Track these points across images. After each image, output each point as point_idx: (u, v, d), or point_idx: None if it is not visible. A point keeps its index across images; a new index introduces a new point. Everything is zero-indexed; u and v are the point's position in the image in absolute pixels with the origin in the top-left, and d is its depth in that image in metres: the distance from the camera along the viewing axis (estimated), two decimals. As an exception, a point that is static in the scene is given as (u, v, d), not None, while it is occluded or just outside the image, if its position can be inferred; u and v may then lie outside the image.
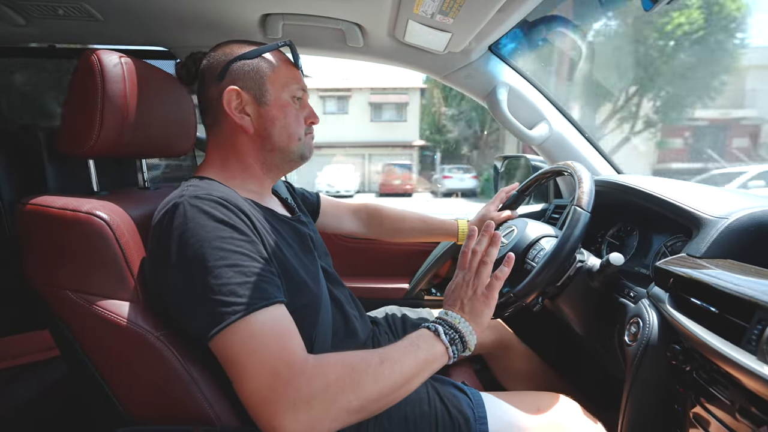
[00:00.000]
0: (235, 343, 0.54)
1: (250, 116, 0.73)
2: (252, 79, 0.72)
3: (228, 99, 0.70)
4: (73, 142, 0.69)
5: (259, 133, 0.74)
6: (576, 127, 1.29)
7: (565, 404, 0.78)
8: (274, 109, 0.73)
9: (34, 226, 0.65)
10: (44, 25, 1.07)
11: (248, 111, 0.72)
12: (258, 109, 0.73)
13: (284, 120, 0.74)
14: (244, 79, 0.72)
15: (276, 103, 0.73)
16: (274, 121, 0.73)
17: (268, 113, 0.73)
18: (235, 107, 0.71)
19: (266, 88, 0.73)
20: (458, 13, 0.89)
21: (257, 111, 0.73)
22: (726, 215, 0.68)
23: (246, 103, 0.72)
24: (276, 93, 0.73)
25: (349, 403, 0.53)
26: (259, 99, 0.72)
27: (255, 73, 0.72)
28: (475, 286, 0.69)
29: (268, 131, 0.74)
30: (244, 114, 0.72)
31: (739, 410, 0.50)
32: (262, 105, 0.73)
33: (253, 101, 0.72)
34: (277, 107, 0.73)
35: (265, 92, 0.73)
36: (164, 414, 0.64)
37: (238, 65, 0.72)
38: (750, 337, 0.48)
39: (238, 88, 0.71)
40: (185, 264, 0.57)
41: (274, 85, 0.73)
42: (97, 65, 0.67)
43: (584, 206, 0.78)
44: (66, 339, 0.64)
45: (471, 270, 0.70)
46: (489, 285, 0.69)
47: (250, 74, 0.72)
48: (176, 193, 0.64)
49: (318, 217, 1.09)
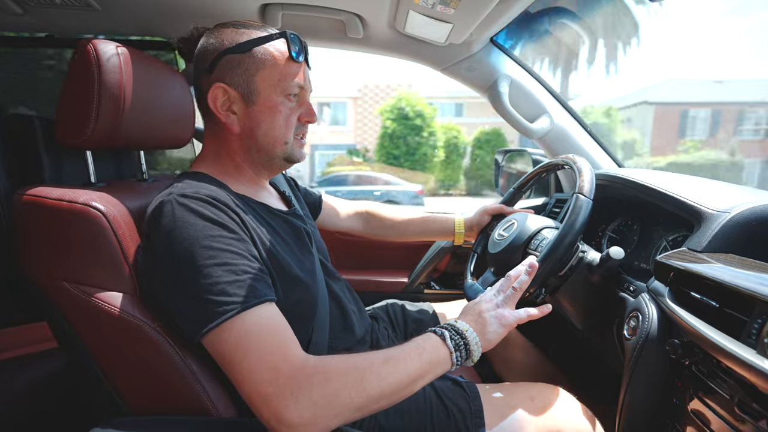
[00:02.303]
0: (228, 341, 0.54)
1: (236, 115, 0.69)
2: (240, 75, 0.67)
3: (214, 96, 0.68)
4: (70, 132, 0.69)
5: (245, 133, 0.71)
6: (578, 121, 1.28)
7: (563, 397, 0.78)
8: (261, 109, 0.69)
9: (30, 217, 0.65)
10: (41, 15, 1.06)
11: (235, 109, 0.69)
12: (245, 108, 0.69)
13: (271, 122, 0.70)
14: (231, 75, 0.67)
15: (265, 104, 0.69)
16: (260, 123, 0.70)
17: (255, 114, 0.69)
18: (221, 105, 0.68)
19: (255, 86, 0.68)
20: (459, 3, 0.88)
21: (244, 110, 0.69)
22: (728, 209, 0.68)
23: (233, 101, 0.69)
24: (266, 92, 0.69)
25: (351, 400, 0.53)
26: (246, 98, 0.68)
27: (244, 70, 0.67)
28: (498, 305, 0.69)
29: (254, 132, 0.70)
30: (230, 112, 0.69)
31: (738, 404, 0.50)
32: (250, 104, 0.69)
33: (240, 99, 0.69)
34: (266, 108, 0.69)
35: (254, 91, 0.68)
36: (162, 405, 0.64)
37: (228, 59, 0.67)
38: (750, 331, 0.47)
39: (224, 86, 0.67)
40: (174, 263, 0.57)
41: (264, 84, 0.68)
42: (94, 55, 0.66)
43: (586, 193, 0.77)
44: (64, 330, 0.65)
45: (503, 292, 0.71)
46: (509, 297, 0.70)
47: (238, 70, 0.67)
48: (165, 191, 0.63)
49: (319, 215, 1.08)
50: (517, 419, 0.72)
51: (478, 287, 0.92)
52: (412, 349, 0.60)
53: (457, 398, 0.76)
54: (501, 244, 0.92)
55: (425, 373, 0.60)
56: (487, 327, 0.67)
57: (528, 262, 0.72)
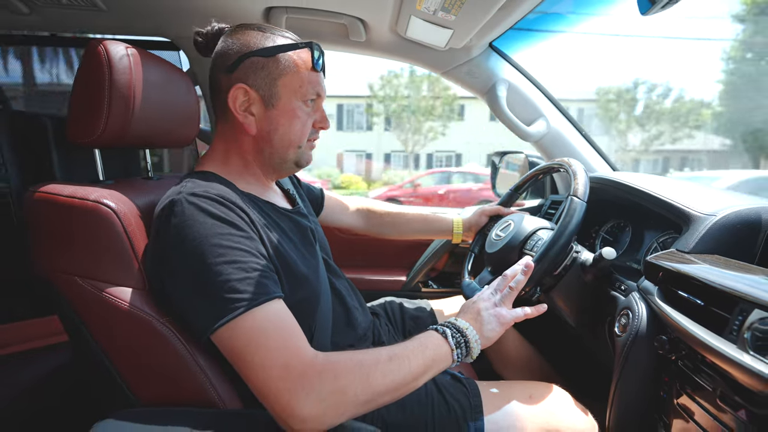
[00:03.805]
0: (239, 337, 0.55)
1: (254, 116, 0.70)
2: (263, 79, 0.68)
3: (234, 96, 0.69)
4: (81, 131, 0.70)
5: (261, 135, 0.72)
6: (573, 125, 1.31)
7: (557, 393, 0.80)
8: (280, 113, 0.70)
9: (42, 213, 0.66)
10: (48, 14, 1.07)
11: (253, 111, 0.70)
12: (264, 111, 0.70)
13: (288, 127, 0.71)
14: (254, 78, 0.68)
15: (284, 108, 0.70)
16: (278, 127, 0.71)
17: (274, 117, 0.70)
18: (240, 105, 0.69)
19: (277, 90, 0.69)
20: (460, 9, 0.90)
21: (263, 113, 0.70)
22: (714, 212, 0.71)
23: (253, 102, 0.69)
24: (286, 97, 0.70)
25: (357, 396, 0.55)
26: (267, 101, 0.70)
27: (267, 74, 0.68)
28: (495, 303, 0.72)
29: (270, 135, 0.71)
30: (248, 113, 0.70)
31: (720, 397, 0.53)
32: (269, 107, 0.70)
33: (260, 102, 0.70)
34: (284, 112, 0.71)
35: (275, 95, 0.69)
36: (170, 397, 0.66)
37: (252, 61, 0.68)
38: (732, 328, 0.50)
39: (246, 86, 0.68)
40: (185, 261, 0.58)
41: (286, 89, 0.70)
42: (105, 56, 0.68)
43: (580, 196, 0.80)
44: (74, 324, 0.66)
45: (500, 291, 0.74)
46: (505, 296, 0.73)
47: (261, 73, 0.68)
48: (174, 189, 0.64)
49: (321, 212, 1.10)
50: (516, 416, 0.74)
51: (476, 286, 0.95)
52: (415, 347, 0.63)
53: (457, 393, 0.78)
54: (498, 244, 0.94)
55: (428, 370, 0.62)
56: (486, 325, 0.69)
57: (524, 262, 0.75)
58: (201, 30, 0.75)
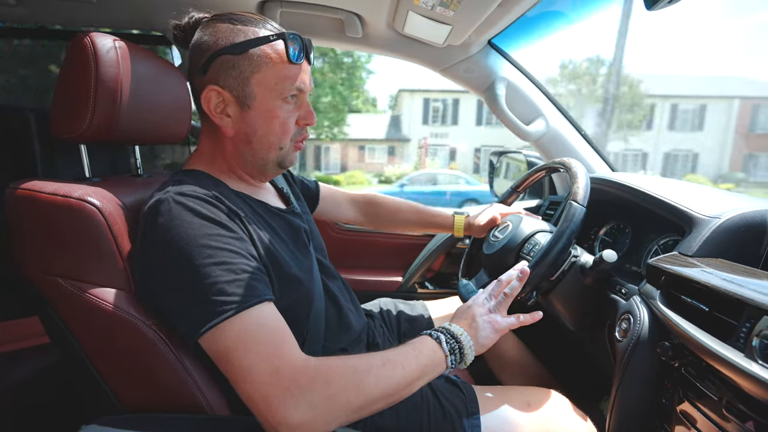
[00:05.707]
0: (227, 341, 0.53)
1: (231, 118, 0.67)
2: (235, 78, 0.64)
3: (207, 98, 0.65)
4: (65, 125, 0.68)
5: (239, 137, 0.68)
6: (573, 124, 1.29)
7: (556, 399, 0.79)
8: (257, 114, 0.66)
9: (23, 211, 0.64)
10: (35, 6, 1.04)
11: (229, 113, 0.66)
12: (240, 112, 0.66)
13: (267, 128, 0.67)
14: (226, 78, 0.64)
15: (260, 108, 0.66)
16: (256, 129, 0.67)
17: (251, 119, 0.66)
18: (215, 107, 0.65)
19: (250, 90, 0.65)
20: (459, 5, 0.88)
21: (239, 114, 0.66)
22: (718, 215, 0.69)
23: (228, 103, 0.66)
24: (262, 96, 0.65)
25: (350, 402, 0.54)
26: (241, 102, 0.65)
27: (239, 73, 0.64)
28: (490, 310, 0.71)
29: (249, 137, 0.68)
30: (224, 115, 0.66)
31: (726, 406, 0.51)
32: (245, 108, 0.66)
33: (235, 103, 0.66)
34: (262, 113, 0.66)
35: (249, 95, 0.65)
36: (156, 402, 0.64)
37: (222, 60, 0.63)
38: (739, 335, 0.49)
39: (218, 88, 0.64)
40: (172, 262, 0.56)
41: (261, 87, 0.65)
42: (91, 48, 0.65)
43: (580, 201, 0.78)
44: (57, 326, 0.64)
45: (494, 297, 0.72)
46: (500, 302, 0.71)
47: (233, 73, 0.64)
48: (162, 189, 0.62)
49: (318, 206, 1.07)
50: (513, 422, 0.73)
51: (472, 287, 0.93)
52: (408, 352, 0.61)
53: (454, 398, 0.76)
54: (495, 246, 0.92)
55: (422, 375, 0.61)
56: (480, 332, 0.68)
57: (519, 268, 0.73)
58: (178, 22, 0.71)
